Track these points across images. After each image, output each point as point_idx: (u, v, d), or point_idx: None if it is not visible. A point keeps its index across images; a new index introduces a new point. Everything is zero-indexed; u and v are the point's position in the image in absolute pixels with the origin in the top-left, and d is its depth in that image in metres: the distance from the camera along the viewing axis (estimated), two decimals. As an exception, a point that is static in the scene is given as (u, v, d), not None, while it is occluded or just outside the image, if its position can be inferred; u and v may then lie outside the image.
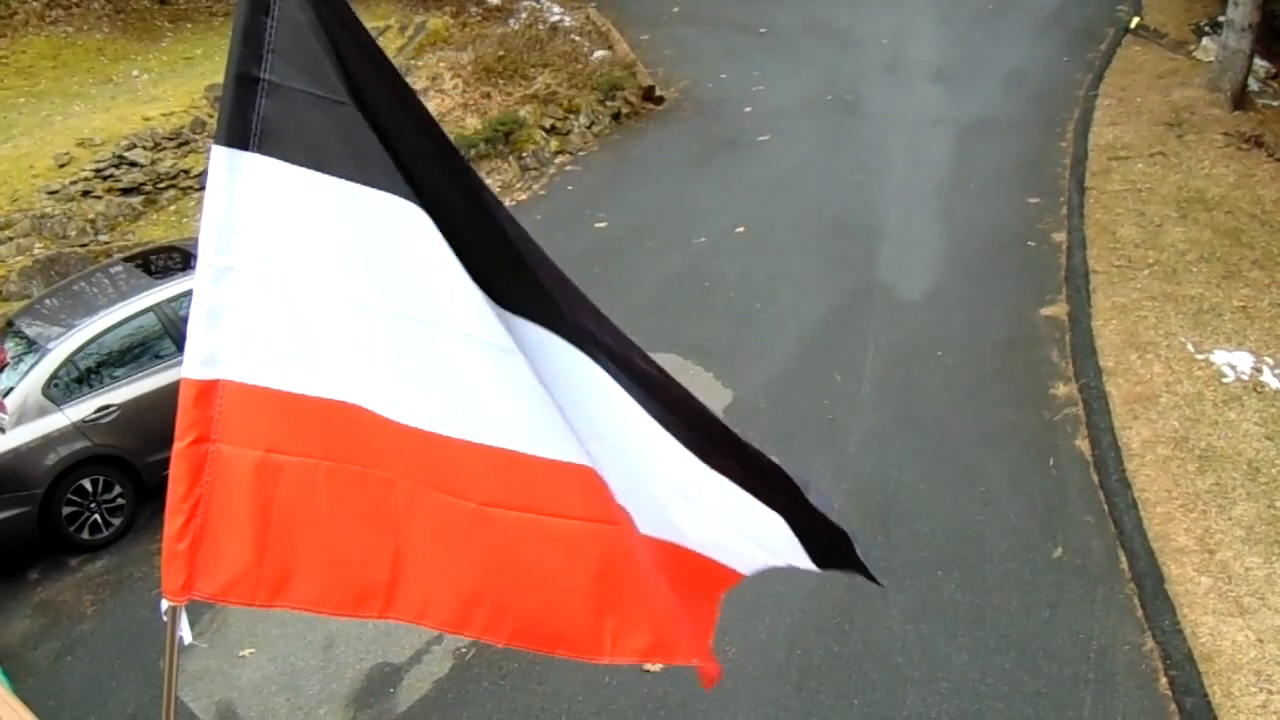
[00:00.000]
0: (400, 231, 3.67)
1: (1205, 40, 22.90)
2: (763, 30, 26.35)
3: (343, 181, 3.65)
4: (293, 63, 3.58)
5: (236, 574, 3.85)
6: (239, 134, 3.63)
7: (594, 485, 3.90)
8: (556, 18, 25.05)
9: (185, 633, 3.90)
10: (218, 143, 3.65)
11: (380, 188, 3.64)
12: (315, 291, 3.74)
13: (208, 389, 3.77)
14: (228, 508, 3.81)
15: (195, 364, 3.75)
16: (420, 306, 3.73)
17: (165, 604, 3.85)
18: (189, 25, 24.03)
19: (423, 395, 3.79)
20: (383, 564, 3.90)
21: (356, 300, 3.73)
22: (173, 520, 3.78)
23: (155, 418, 11.69)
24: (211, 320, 3.74)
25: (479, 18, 25.09)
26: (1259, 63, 20.82)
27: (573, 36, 24.31)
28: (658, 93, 22.91)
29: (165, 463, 11.37)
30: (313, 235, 3.71)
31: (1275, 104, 20.58)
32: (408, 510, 3.88)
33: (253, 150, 3.64)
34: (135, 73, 21.18)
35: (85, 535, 11.81)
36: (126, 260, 13.57)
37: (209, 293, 3.72)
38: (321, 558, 3.91)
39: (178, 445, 3.75)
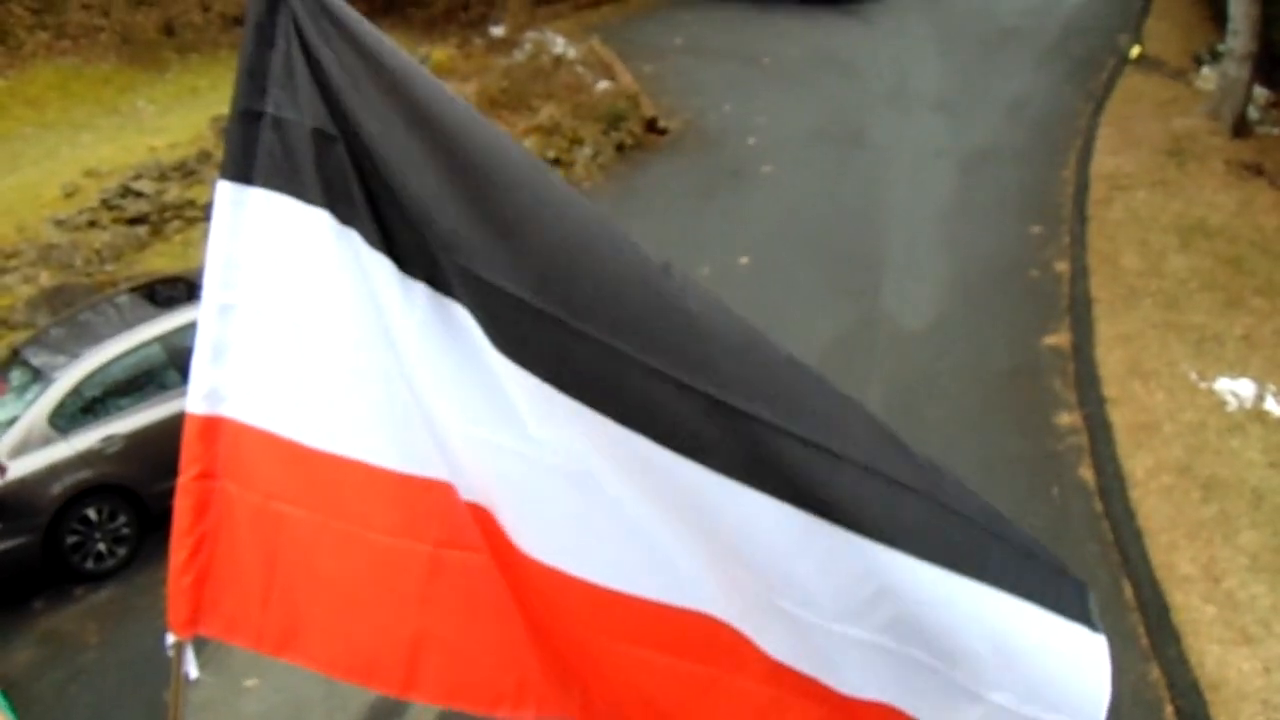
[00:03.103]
0: (381, 284, 3.60)
1: (1205, 69, 22.95)
2: (766, 61, 26.42)
3: (334, 222, 3.61)
4: (298, 98, 3.56)
5: (242, 616, 3.83)
6: (243, 169, 3.63)
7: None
8: (560, 49, 25.13)
9: (191, 668, 3.88)
10: (223, 177, 3.66)
11: (364, 236, 3.58)
12: (317, 336, 3.72)
13: (211, 424, 3.77)
14: (232, 548, 3.80)
15: (199, 398, 3.75)
16: (427, 364, 3.61)
17: (171, 638, 3.85)
18: (195, 56, 24.15)
19: (430, 450, 3.69)
20: (398, 639, 3.80)
21: (357, 349, 3.69)
22: (177, 553, 3.78)
23: (160, 447, 11.67)
24: (216, 356, 3.74)
25: (483, 49, 25.19)
26: (1259, 90, 20.85)
27: (577, 68, 24.38)
28: (661, 124, 22.94)
29: (170, 492, 11.30)
30: (314, 275, 3.69)
31: (1275, 132, 20.60)
32: (427, 583, 3.76)
33: (257, 185, 3.63)
34: (141, 104, 21.27)
35: (90, 564, 11.83)
36: (132, 290, 13.62)
37: (213, 328, 3.73)
38: (328, 619, 3.86)
39: (182, 478, 3.75)
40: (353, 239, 3.59)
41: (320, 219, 3.62)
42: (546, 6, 28.37)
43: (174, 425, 12.15)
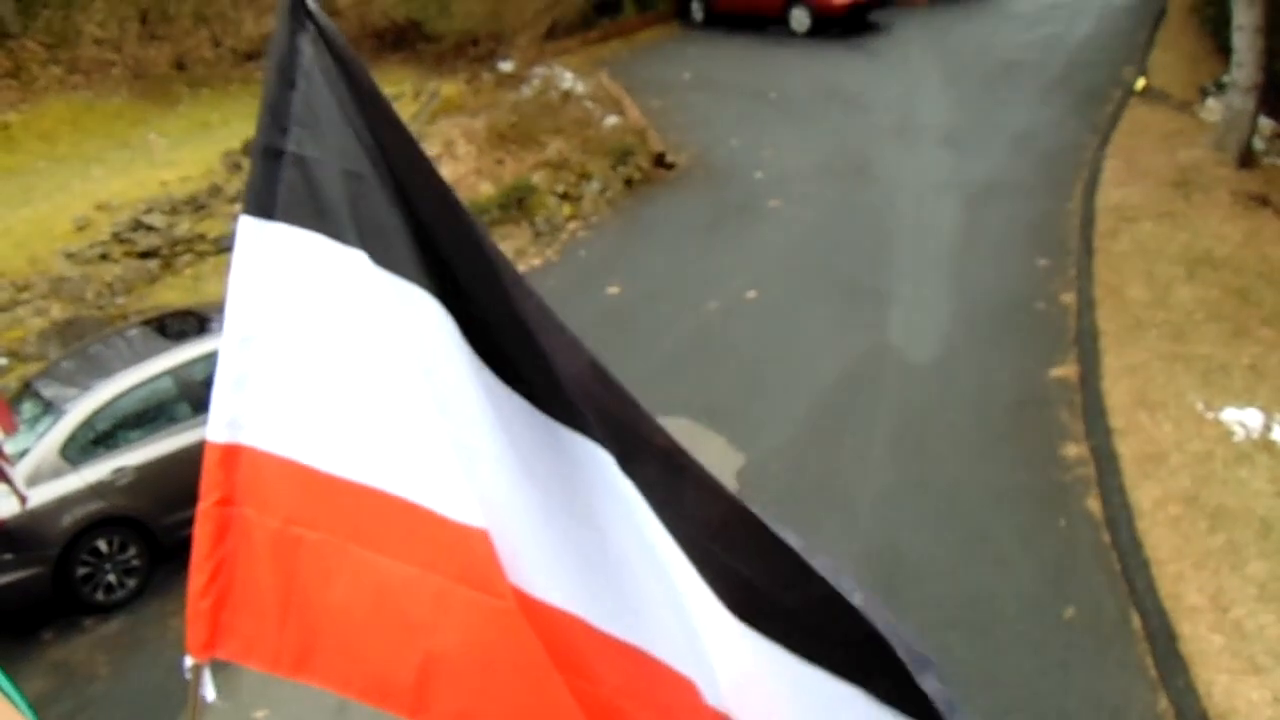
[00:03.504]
0: (416, 321, 3.74)
1: (1210, 101, 23.01)
2: (773, 96, 26.56)
3: (363, 257, 3.73)
4: (318, 136, 3.70)
5: (259, 638, 3.88)
6: (265, 204, 3.75)
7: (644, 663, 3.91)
8: (569, 84, 25.26)
9: (208, 690, 3.92)
10: (245, 213, 3.77)
11: (398, 273, 3.72)
12: (335, 366, 3.81)
13: (231, 452, 3.83)
14: (251, 572, 3.85)
15: (220, 426, 3.82)
16: (436, 402, 3.74)
17: (189, 661, 3.90)
18: (206, 90, 24.34)
19: (450, 483, 3.73)
20: (408, 662, 3.84)
21: (377, 381, 3.78)
22: (196, 578, 3.83)
23: (171, 480, 11.81)
24: (237, 386, 3.82)
25: (492, 84, 25.32)
26: (1264, 122, 20.91)
27: (585, 103, 24.51)
28: (669, 159, 23.08)
29: (180, 524, 11.46)
30: (335, 309, 3.79)
31: (1281, 163, 20.70)
32: (437, 611, 3.79)
33: (278, 220, 3.75)
34: (152, 137, 21.40)
35: (100, 596, 11.89)
36: (143, 324, 13.72)
37: (234, 359, 3.81)
38: (342, 640, 3.90)
39: (202, 504, 3.81)
40: (378, 273, 3.72)
41: (343, 253, 3.74)
42: (555, 42, 28.52)
43: (185, 458, 12.37)
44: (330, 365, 3.81)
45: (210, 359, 12.26)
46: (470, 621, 3.76)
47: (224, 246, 17.97)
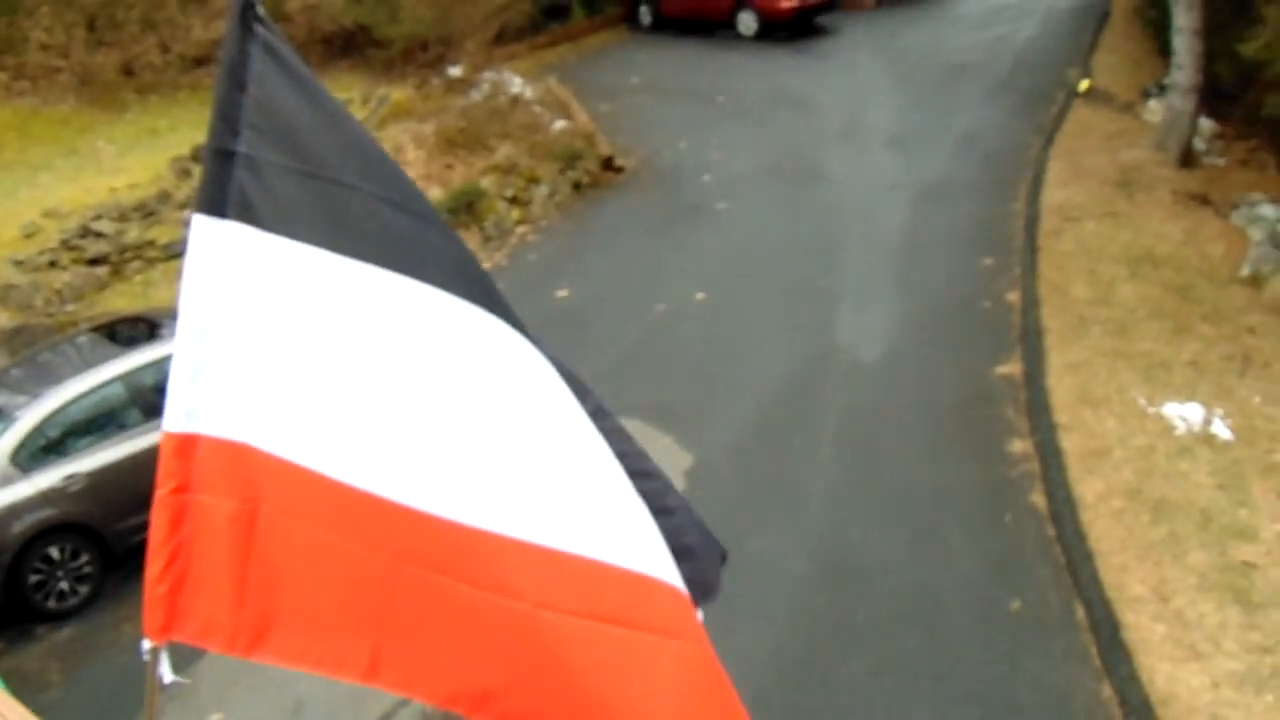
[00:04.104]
0: (376, 299, 3.90)
1: (1152, 102, 23.28)
2: (721, 99, 26.70)
3: (315, 249, 3.88)
4: (267, 137, 3.85)
5: (216, 619, 4.00)
6: (217, 203, 3.88)
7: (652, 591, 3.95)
8: (517, 89, 25.31)
9: (166, 672, 4.05)
10: (197, 212, 3.90)
11: (351, 255, 3.89)
12: (290, 355, 3.94)
13: (187, 442, 3.95)
14: (207, 555, 3.97)
15: (176, 417, 3.95)
16: (399, 377, 3.91)
17: (147, 644, 4.01)
18: (154, 97, 24.20)
19: (400, 468, 3.90)
20: (361, 633, 4.00)
21: (331, 367, 3.92)
22: (154, 564, 3.94)
23: (123, 486, 11.82)
24: (192, 377, 3.94)
25: (441, 89, 25.34)
26: (1204, 122, 21.20)
27: (533, 107, 24.56)
28: (618, 162, 23.19)
29: (132, 530, 11.43)
30: (287, 300, 3.93)
31: (1221, 162, 20.93)
32: (386, 582, 3.97)
33: (230, 219, 3.88)
34: (100, 144, 21.30)
35: (52, 604, 11.86)
36: (93, 330, 13.68)
37: (190, 351, 3.94)
38: (299, 613, 4.03)
39: (159, 492, 3.93)
40: (330, 260, 3.89)
41: (293, 248, 3.90)
42: (503, 47, 28.57)
43: (136, 463, 12.32)
44: (283, 355, 3.94)
45: (161, 364, 12.28)
46: (418, 594, 3.95)
47: (173, 253, 17.94)
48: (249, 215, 3.88)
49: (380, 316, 3.90)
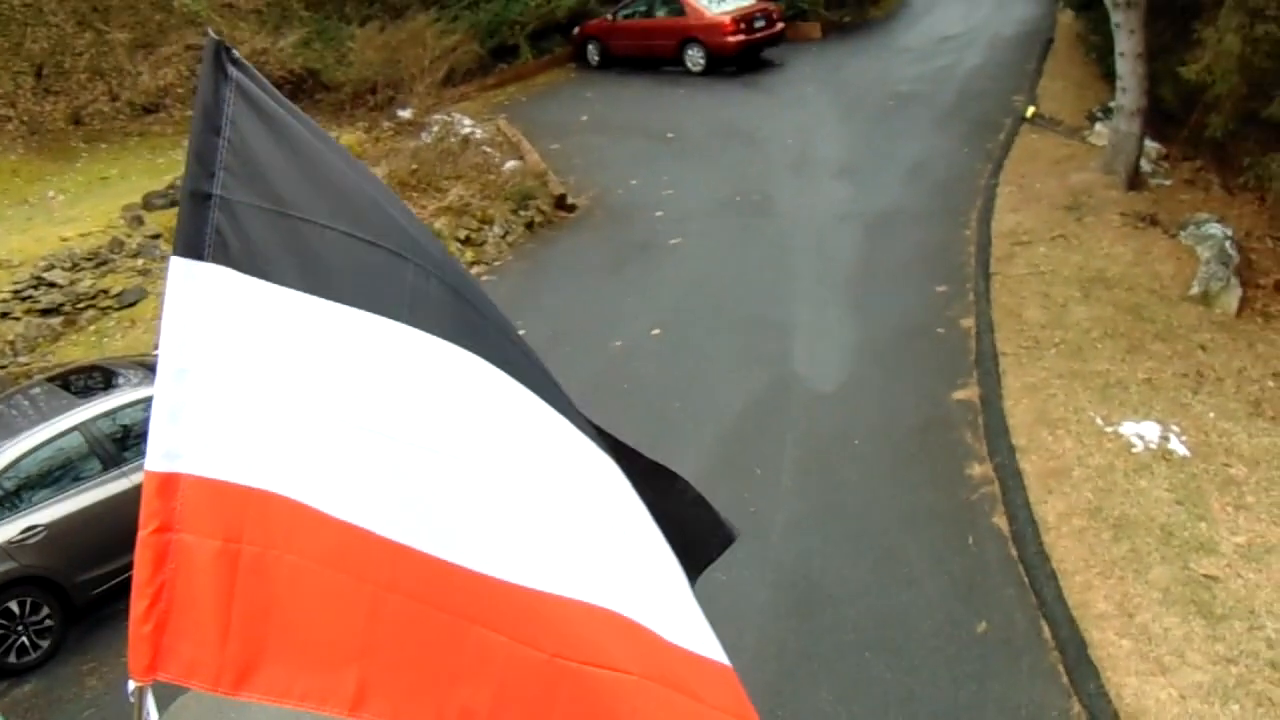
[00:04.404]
0: (349, 339, 3.99)
1: (1098, 125, 23.57)
2: (670, 136, 26.77)
3: (290, 291, 3.96)
4: (241, 179, 3.91)
5: (200, 658, 4.00)
6: (194, 246, 3.93)
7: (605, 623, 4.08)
8: (468, 130, 25.36)
9: (151, 711, 4.09)
10: (175, 254, 3.95)
11: (323, 295, 3.97)
12: (268, 393, 3.99)
13: (169, 481, 3.96)
14: (190, 595, 3.97)
15: (157, 457, 3.96)
16: (375, 418, 3.99)
17: (132, 684, 4.02)
18: (104, 146, 24.04)
19: (378, 501, 3.98)
20: (349, 662, 4.02)
21: (309, 404, 3.98)
22: (138, 604, 3.95)
23: (83, 537, 11.72)
24: (172, 418, 3.96)
25: (391, 132, 25.33)
26: (1150, 144, 21.48)
27: (484, 148, 24.60)
28: (570, 200, 23.20)
29: (94, 582, 11.30)
30: (264, 340, 3.98)
31: (1168, 183, 21.20)
32: (372, 611, 4.01)
33: (207, 260, 3.93)
34: (51, 194, 21.17)
35: (12, 659, 11.69)
36: (48, 380, 13.57)
37: (169, 392, 3.97)
38: (284, 647, 4.03)
39: (142, 533, 3.94)
40: (303, 301, 3.97)
41: (271, 290, 3.97)
42: (453, 88, 28.56)
43: (97, 514, 12.17)
44: (262, 393, 3.99)
45: (118, 414, 12.22)
46: (403, 622, 4.01)
47: (127, 302, 17.85)
48: (226, 257, 3.93)
49: (353, 355, 3.98)
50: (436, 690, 4.02)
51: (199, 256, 3.91)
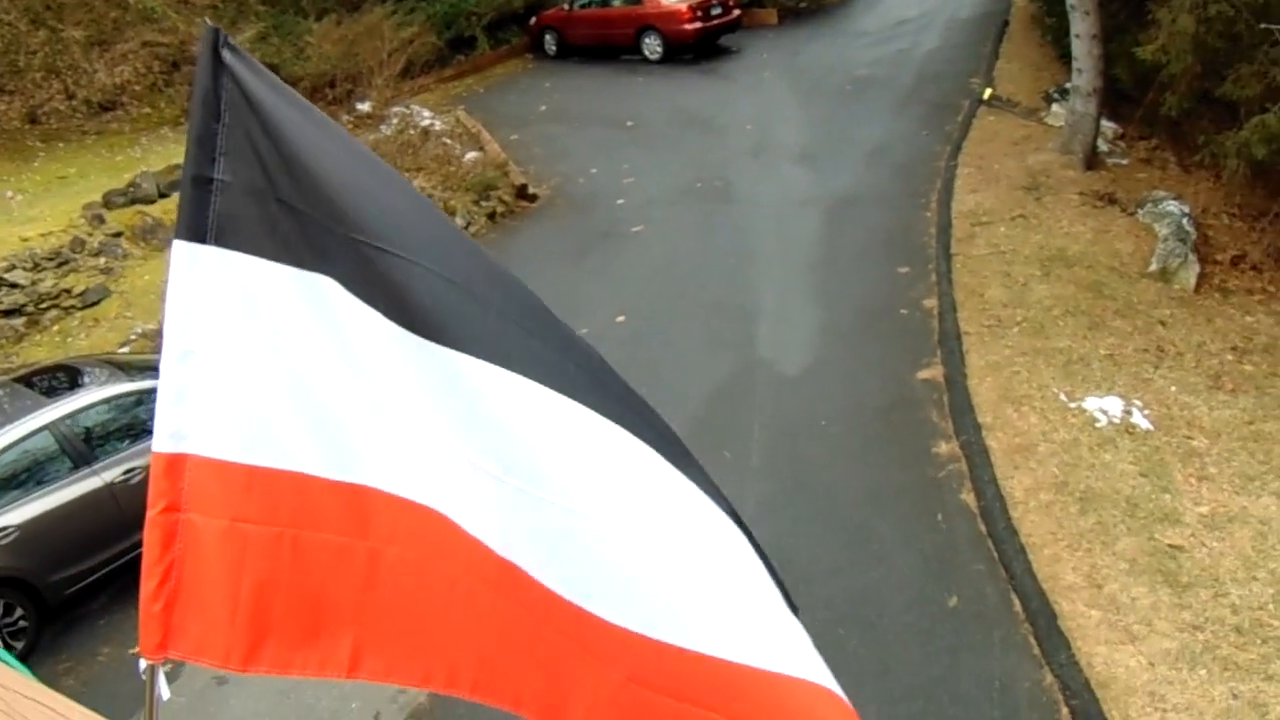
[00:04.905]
0: (352, 316, 3.94)
1: (1055, 106, 23.72)
2: (630, 124, 26.81)
3: (291, 269, 3.96)
4: (243, 163, 3.92)
5: (210, 635, 4.04)
6: (197, 229, 3.94)
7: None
8: (427, 122, 25.32)
9: (163, 690, 4.10)
10: (178, 238, 3.96)
11: (327, 274, 3.93)
12: (271, 369, 4.01)
13: (176, 462, 4.00)
14: (199, 574, 4.01)
15: (164, 438, 3.99)
16: (378, 391, 3.95)
17: (144, 663, 4.06)
18: (61, 145, 23.90)
19: (406, 467, 3.98)
20: (344, 625, 4.08)
21: (313, 381, 4.00)
22: (148, 583, 3.99)
23: (55, 536, 11.64)
24: (178, 399, 4.00)
25: (351, 125, 25.24)
26: (1106, 124, 21.66)
27: (444, 140, 24.56)
28: (531, 190, 23.19)
29: (67, 581, 11.24)
30: (266, 318, 4.00)
31: (1124, 163, 21.39)
32: (369, 571, 4.04)
33: (209, 243, 3.95)
34: (9, 194, 21.05)
35: (-16, 661, 11.65)
36: (14, 381, 13.49)
37: (175, 374, 3.99)
38: (287, 621, 4.08)
39: (150, 513, 3.98)
40: (312, 282, 3.95)
41: (271, 269, 3.97)
42: (411, 80, 28.54)
43: (69, 513, 12.05)
44: (265, 370, 4.02)
45: (87, 412, 12.18)
46: (399, 577, 4.04)
47: (90, 301, 17.80)
48: (227, 239, 3.96)
49: (355, 330, 3.94)
50: (429, 646, 4.06)
51: (201, 239, 3.94)
